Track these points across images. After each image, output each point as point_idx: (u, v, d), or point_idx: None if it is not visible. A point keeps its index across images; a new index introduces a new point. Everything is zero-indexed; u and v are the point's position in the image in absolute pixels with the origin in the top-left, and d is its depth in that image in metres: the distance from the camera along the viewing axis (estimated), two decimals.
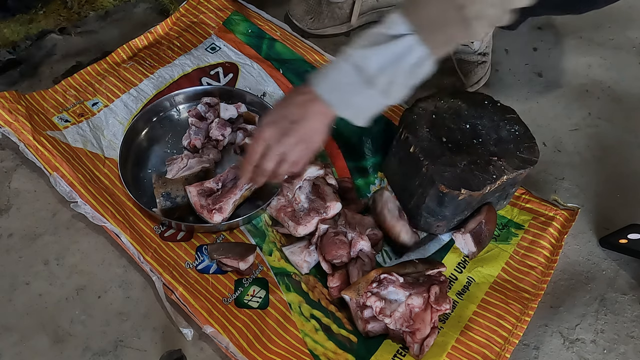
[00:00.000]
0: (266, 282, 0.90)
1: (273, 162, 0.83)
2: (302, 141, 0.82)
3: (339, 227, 0.91)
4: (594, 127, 1.20)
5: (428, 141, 0.92)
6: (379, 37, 0.74)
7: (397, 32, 0.73)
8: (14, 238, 0.94)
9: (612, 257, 1.00)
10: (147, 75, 1.14)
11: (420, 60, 0.74)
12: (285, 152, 0.82)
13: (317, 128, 0.82)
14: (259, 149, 0.83)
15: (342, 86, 0.77)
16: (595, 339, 0.91)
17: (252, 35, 1.24)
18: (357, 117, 0.81)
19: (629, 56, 1.35)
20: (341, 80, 0.77)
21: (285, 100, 0.83)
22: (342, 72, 0.77)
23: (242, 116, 1.07)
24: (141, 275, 0.91)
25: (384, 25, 0.74)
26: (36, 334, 0.84)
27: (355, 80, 0.76)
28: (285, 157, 0.83)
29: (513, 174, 0.89)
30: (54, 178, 0.95)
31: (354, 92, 0.77)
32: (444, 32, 0.73)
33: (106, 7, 1.27)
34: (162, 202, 0.92)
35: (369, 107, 0.80)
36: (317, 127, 0.82)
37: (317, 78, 0.79)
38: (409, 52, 0.73)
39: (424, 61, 0.74)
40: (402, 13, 0.73)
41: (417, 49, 0.73)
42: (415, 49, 0.73)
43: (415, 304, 0.82)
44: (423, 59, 0.74)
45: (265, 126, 0.82)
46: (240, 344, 0.82)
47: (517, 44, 1.34)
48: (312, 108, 0.80)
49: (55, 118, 1.05)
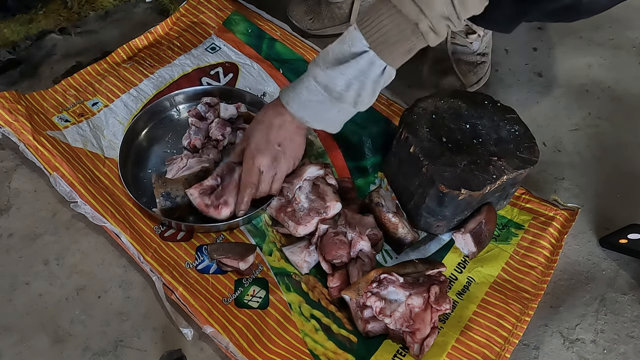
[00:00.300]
0: (266, 282, 0.90)
1: (268, 185, 0.91)
2: (290, 159, 0.92)
3: (339, 227, 0.91)
4: (594, 127, 1.20)
5: (428, 141, 0.92)
6: (343, 55, 0.80)
7: (357, 49, 0.78)
8: (14, 238, 0.94)
9: (612, 257, 1.00)
10: (147, 75, 1.14)
11: (382, 72, 0.80)
12: (277, 173, 0.91)
13: (300, 143, 0.92)
14: (254, 179, 0.90)
15: (313, 104, 0.84)
16: (595, 339, 0.91)
17: (252, 35, 1.24)
18: (331, 127, 0.88)
19: (629, 56, 1.35)
20: (312, 99, 0.83)
21: (262, 123, 0.89)
22: (312, 92, 0.83)
23: (242, 116, 1.07)
24: (141, 275, 0.91)
25: (345, 42, 0.79)
26: (36, 334, 0.84)
27: (325, 99, 0.82)
28: (276, 176, 0.91)
29: (513, 174, 0.89)
30: (54, 178, 0.95)
31: (325, 109, 0.84)
32: (401, 46, 0.78)
33: (106, 7, 1.27)
34: (162, 202, 0.92)
35: (340, 118, 0.87)
36: (299, 142, 0.92)
37: (288, 97, 0.86)
38: (370, 67, 0.79)
39: (386, 72, 0.81)
40: (360, 30, 0.78)
41: (377, 62, 0.79)
42: (376, 63, 0.79)
43: (415, 304, 0.82)
44: (385, 70, 0.80)
45: (257, 155, 0.89)
46: (240, 344, 0.82)
47: (517, 44, 1.34)
48: (291, 127, 0.88)
49: (55, 118, 1.05)
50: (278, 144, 0.88)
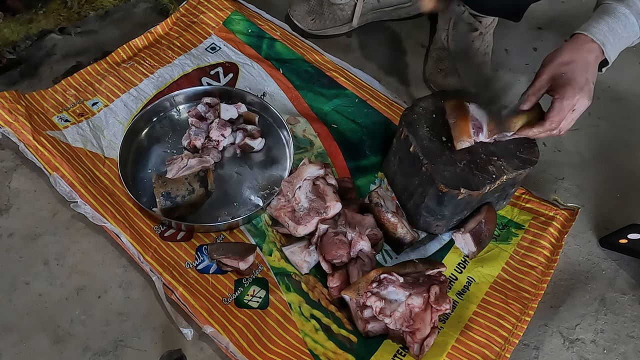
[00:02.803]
0: (266, 282, 0.90)
1: (571, 124, 0.88)
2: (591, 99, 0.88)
3: (339, 227, 0.91)
4: (594, 127, 1.20)
5: (428, 140, 0.92)
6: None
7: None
8: (14, 238, 0.94)
9: (612, 257, 1.00)
10: (147, 75, 1.14)
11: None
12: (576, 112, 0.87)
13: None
14: (562, 117, 0.85)
15: (623, 41, 0.88)
16: (595, 339, 0.91)
17: (252, 35, 1.24)
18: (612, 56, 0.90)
19: (629, 56, 1.34)
20: (624, 35, 0.87)
21: (577, 62, 0.86)
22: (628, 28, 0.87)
23: (242, 116, 1.07)
24: (141, 275, 0.91)
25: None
26: (36, 334, 0.84)
27: (634, 34, 0.87)
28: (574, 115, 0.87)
29: (513, 174, 0.89)
30: (54, 178, 0.95)
31: (624, 44, 0.89)
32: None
33: (106, 7, 1.27)
34: (162, 202, 0.92)
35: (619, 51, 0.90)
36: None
37: (602, 34, 0.86)
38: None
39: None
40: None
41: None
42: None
43: (415, 304, 0.82)
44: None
45: (578, 94, 0.85)
46: (240, 344, 0.82)
47: (517, 44, 1.34)
48: (596, 65, 0.88)
49: (55, 118, 1.05)
50: (592, 82, 0.87)
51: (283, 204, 0.94)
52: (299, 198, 0.94)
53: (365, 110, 1.14)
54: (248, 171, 1.03)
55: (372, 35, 1.33)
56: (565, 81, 0.85)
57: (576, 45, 0.87)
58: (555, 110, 0.85)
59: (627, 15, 0.87)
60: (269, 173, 1.03)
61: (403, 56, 1.29)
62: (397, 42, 1.33)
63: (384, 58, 1.29)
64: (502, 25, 1.26)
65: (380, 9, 1.32)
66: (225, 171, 1.03)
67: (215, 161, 1.02)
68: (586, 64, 0.86)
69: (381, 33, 1.34)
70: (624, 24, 0.87)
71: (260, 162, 1.05)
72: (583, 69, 0.85)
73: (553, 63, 0.88)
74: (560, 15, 1.40)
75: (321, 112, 1.13)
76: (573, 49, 0.87)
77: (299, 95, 1.15)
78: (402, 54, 1.30)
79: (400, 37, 1.34)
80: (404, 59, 1.29)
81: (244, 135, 1.04)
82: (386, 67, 1.27)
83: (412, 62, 1.28)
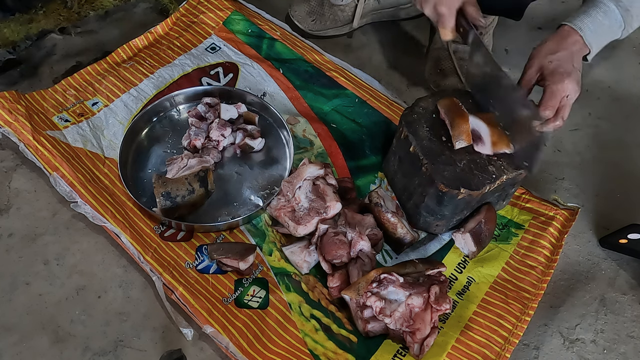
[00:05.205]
0: (266, 282, 0.90)
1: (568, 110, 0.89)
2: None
3: (339, 227, 0.91)
4: (594, 127, 1.20)
5: (428, 140, 0.92)
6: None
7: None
8: (14, 238, 0.94)
9: (612, 257, 1.00)
10: (147, 75, 1.14)
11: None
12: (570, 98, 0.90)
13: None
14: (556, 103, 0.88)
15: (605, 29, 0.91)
16: (595, 339, 0.91)
17: (252, 35, 1.24)
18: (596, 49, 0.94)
19: (629, 56, 1.35)
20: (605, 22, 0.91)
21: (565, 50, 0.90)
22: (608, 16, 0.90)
23: (242, 116, 1.07)
24: (141, 275, 0.91)
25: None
26: (36, 334, 0.84)
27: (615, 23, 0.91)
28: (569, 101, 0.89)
29: (513, 174, 0.89)
30: (54, 178, 0.95)
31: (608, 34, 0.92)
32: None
33: (106, 7, 1.27)
34: (162, 202, 0.92)
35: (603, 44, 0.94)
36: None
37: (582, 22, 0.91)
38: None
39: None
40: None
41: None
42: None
43: (415, 304, 0.82)
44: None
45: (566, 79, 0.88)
46: (240, 344, 0.82)
47: (517, 44, 1.34)
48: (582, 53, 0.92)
49: (55, 118, 1.05)
50: (578, 69, 0.90)
51: (283, 204, 0.94)
52: (299, 198, 0.94)
53: (365, 110, 1.14)
54: (248, 171, 1.03)
55: (372, 35, 1.33)
56: (553, 69, 0.89)
57: (560, 36, 0.92)
58: (547, 95, 0.88)
59: (606, 3, 0.91)
60: (269, 173, 1.03)
61: (403, 56, 1.29)
62: (397, 42, 1.33)
63: (384, 58, 1.29)
64: (502, 25, 1.26)
65: (380, 10, 1.32)
66: (225, 171, 1.03)
67: (215, 161, 1.02)
68: (571, 53, 0.90)
69: (381, 33, 1.34)
70: (603, 11, 0.91)
71: (260, 162, 1.05)
72: (569, 57, 0.89)
73: (540, 54, 0.91)
74: (560, 15, 1.40)
75: (321, 112, 1.13)
76: (558, 40, 0.91)
77: (299, 95, 1.15)
78: (402, 54, 1.30)
79: (400, 37, 1.34)
80: (404, 59, 1.29)
81: (244, 135, 1.04)
82: (386, 67, 1.27)
83: (412, 62, 1.28)
